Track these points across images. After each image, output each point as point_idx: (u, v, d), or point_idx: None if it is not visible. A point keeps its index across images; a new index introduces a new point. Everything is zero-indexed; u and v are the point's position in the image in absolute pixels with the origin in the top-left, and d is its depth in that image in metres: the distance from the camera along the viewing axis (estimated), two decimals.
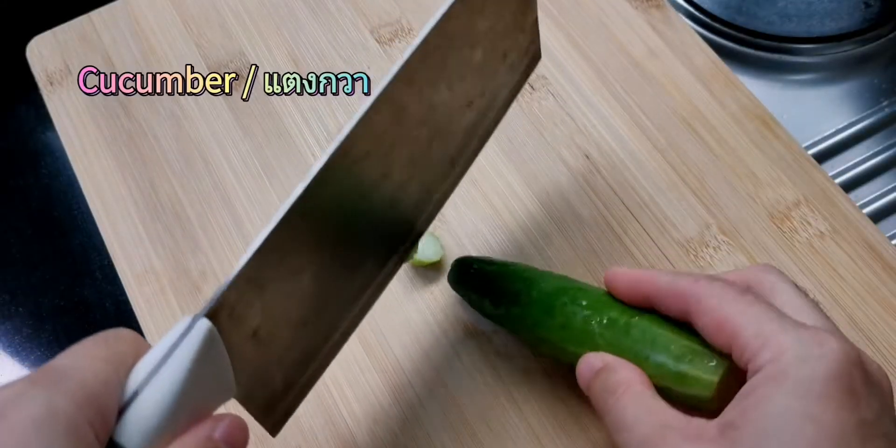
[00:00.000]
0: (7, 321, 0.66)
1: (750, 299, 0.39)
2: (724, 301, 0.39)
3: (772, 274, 0.42)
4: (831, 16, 0.73)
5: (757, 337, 0.37)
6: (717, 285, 0.40)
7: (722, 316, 0.39)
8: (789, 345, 0.36)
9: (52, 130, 0.72)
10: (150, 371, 0.32)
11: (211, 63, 0.65)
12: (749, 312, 0.38)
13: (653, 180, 0.58)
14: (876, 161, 0.68)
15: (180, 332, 0.33)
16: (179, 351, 0.32)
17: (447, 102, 0.46)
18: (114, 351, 0.33)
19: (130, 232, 0.59)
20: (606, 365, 0.42)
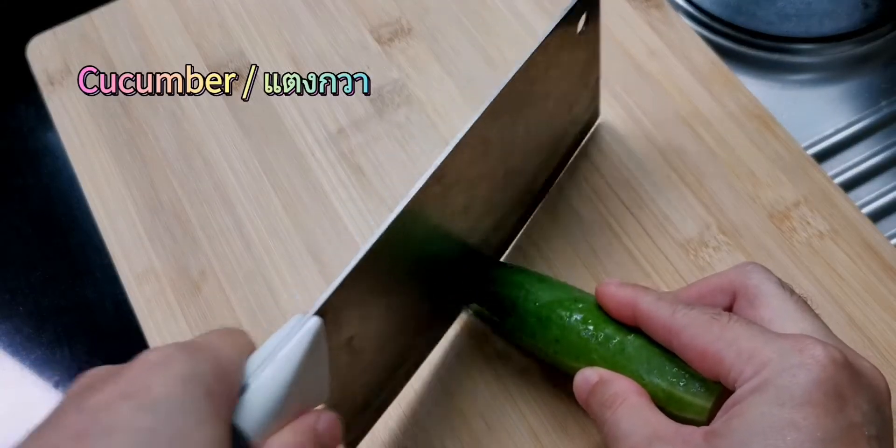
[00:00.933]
0: (7, 321, 0.66)
1: (724, 322, 0.39)
2: (701, 329, 0.39)
3: (755, 276, 0.42)
4: (830, 16, 0.73)
5: (738, 356, 0.37)
6: (691, 315, 0.40)
7: (701, 346, 0.39)
8: (770, 356, 0.36)
9: (52, 130, 0.72)
10: (265, 360, 0.35)
11: (211, 63, 0.65)
12: (726, 337, 0.38)
13: (652, 180, 0.58)
14: (875, 161, 0.68)
15: (293, 327, 0.36)
16: (293, 343, 0.36)
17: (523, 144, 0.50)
18: (236, 339, 0.37)
19: (130, 232, 0.59)
20: (602, 379, 0.43)
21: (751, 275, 0.42)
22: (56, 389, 0.63)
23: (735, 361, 0.37)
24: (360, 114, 0.62)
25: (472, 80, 0.63)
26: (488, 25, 0.65)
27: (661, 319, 0.41)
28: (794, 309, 0.40)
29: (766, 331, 0.38)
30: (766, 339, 0.37)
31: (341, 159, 0.60)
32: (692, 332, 0.39)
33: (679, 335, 0.40)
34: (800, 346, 0.36)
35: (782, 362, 0.35)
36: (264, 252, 0.57)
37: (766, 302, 0.41)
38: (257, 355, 0.36)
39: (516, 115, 0.48)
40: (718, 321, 0.39)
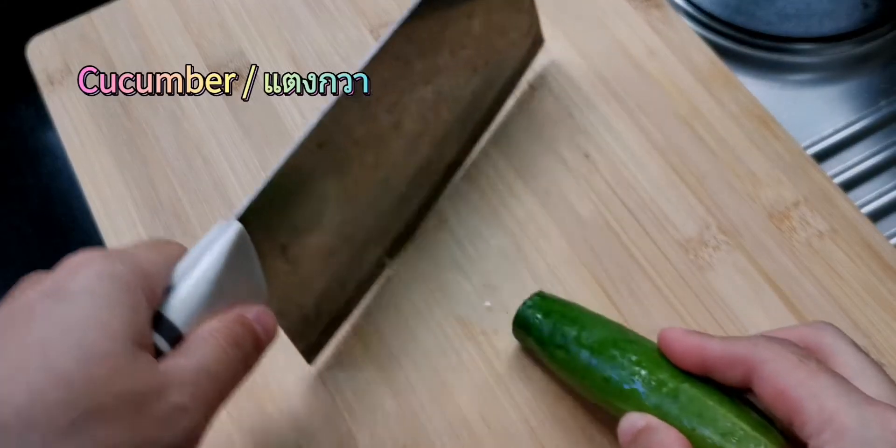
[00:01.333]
0: None
1: (813, 368, 0.37)
2: (786, 368, 0.37)
3: (830, 334, 0.41)
4: (830, 16, 0.73)
5: (820, 413, 0.35)
6: (777, 348, 0.39)
7: (783, 385, 0.37)
8: (852, 424, 0.35)
9: (52, 130, 0.72)
10: (191, 262, 0.39)
11: (211, 63, 0.65)
12: (813, 385, 0.36)
13: (652, 180, 0.58)
14: (874, 161, 0.68)
15: (216, 233, 0.40)
16: (216, 246, 0.39)
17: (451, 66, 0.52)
18: (165, 249, 0.40)
19: (130, 231, 0.59)
20: (648, 425, 0.41)
21: (826, 332, 0.41)
22: None
23: (815, 418, 0.35)
24: None
25: None
26: None
27: (739, 352, 0.40)
28: (872, 372, 0.39)
29: (853, 391, 0.36)
30: (850, 401, 0.35)
31: None
32: (776, 368, 0.38)
33: (762, 366, 0.38)
34: (884, 419, 0.35)
35: (862, 434, 0.34)
36: None
37: (844, 361, 0.39)
38: (184, 262, 0.39)
39: (436, 35, 0.49)
40: (806, 365, 0.37)
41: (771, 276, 0.54)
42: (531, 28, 0.59)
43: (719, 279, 0.54)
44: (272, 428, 0.51)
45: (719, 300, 0.54)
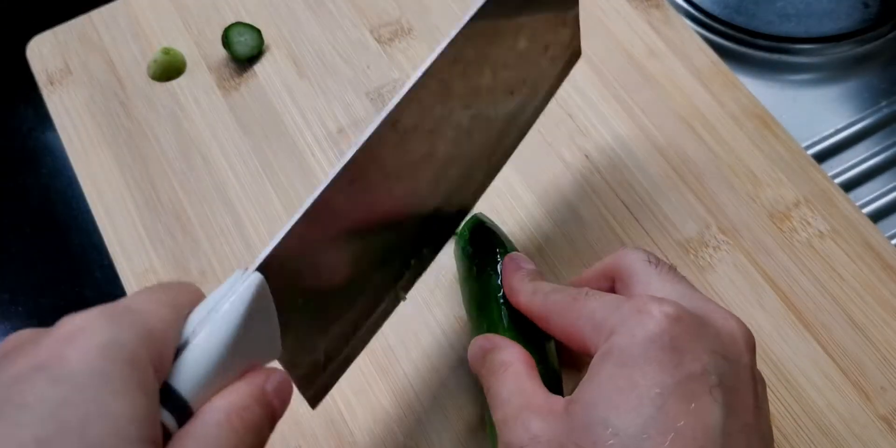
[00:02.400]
0: (6, 321, 0.65)
1: (581, 299, 0.40)
2: (563, 312, 0.41)
3: (627, 257, 0.43)
4: (830, 16, 0.73)
5: (594, 329, 0.38)
6: (556, 296, 0.42)
7: (565, 325, 0.40)
8: (615, 322, 0.37)
9: (51, 130, 0.72)
10: (203, 318, 0.33)
11: (211, 62, 0.65)
12: (584, 313, 0.39)
13: (652, 180, 0.58)
14: (875, 161, 0.68)
15: (233, 284, 0.34)
16: (231, 301, 0.33)
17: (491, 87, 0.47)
18: (174, 297, 0.34)
19: (130, 231, 0.59)
20: (494, 345, 0.43)
21: (624, 256, 0.43)
22: None
23: (591, 334, 0.38)
24: (360, 113, 0.62)
25: None
26: None
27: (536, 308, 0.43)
28: (656, 277, 0.41)
29: (617, 298, 0.39)
30: (614, 306, 0.38)
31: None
32: (557, 315, 0.41)
33: (548, 319, 0.42)
34: (637, 307, 0.37)
35: (623, 326, 0.37)
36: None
37: (635, 279, 0.42)
38: (197, 313, 0.34)
39: (481, 55, 0.45)
40: (577, 300, 0.40)
41: (771, 275, 0.54)
42: (572, 41, 0.55)
43: (720, 279, 0.54)
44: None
45: (720, 300, 0.54)
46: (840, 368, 0.51)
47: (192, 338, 0.33)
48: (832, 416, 0.50)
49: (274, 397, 0.34)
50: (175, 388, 0.32)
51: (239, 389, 0.33)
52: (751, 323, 0.52)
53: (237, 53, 0.64)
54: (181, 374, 0.32)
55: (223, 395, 0.33)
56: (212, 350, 0.33)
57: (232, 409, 0.32)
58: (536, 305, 0.43)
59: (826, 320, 0.53)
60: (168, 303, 0.34)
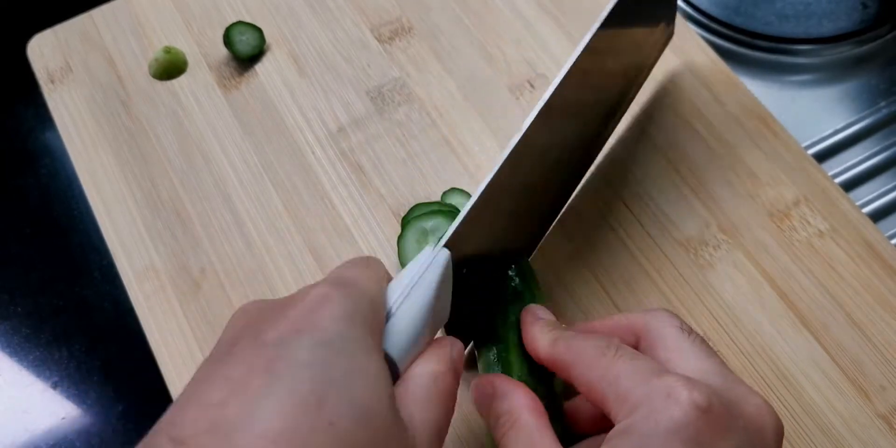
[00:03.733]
0: (6, 321, 0.66)
1: (611, 356, 0.39)
2: (589, 364, 0.39)
3: (657, 319, 0.42)
4: (829, 17, 0.73)
5: (617, 398, 0.37)
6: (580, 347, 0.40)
7: (589, 380, 0.39)
8: (641, 399, 0.36)
9: (51, 130, 0.72)
10: (403, 291, 0.39)
11: (212, 61, 0.65)
12: (610, 375, 0.38)
13: (653, 179, 0.58)
14: (874, 162, 0.68)
15: (426, 259, 0.40)
16: (428, 276, 0.39)
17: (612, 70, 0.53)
18: (377, 272, 0.39)
19: (131, 229, 0.59)
20: (496, 391, 0.42)
21: (654, 318, 0.42)
22: (54, 390, 0.63)
23: (613, 401, 0.37)
24: (360, 112, 0.62)
25: (473, 79, 0.63)
26: (489, 24, 0.65)
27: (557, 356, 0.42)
28: (689, 349, 0.40)
29: (647, 368, 0.38)
30: (641, 378, 0.37)
31: (341, 157, 0.60)
32: (581, 367, 0.40)
33: (572, 369, 0.40)
34: (668, 390, 0.36)
35: (648, 407, 0.35)
36: (264, 250, 0.57)
37: (664, 344, 0.41)
38: (394, 286, 0.39)
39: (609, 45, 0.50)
40: (605, 355, 0.39)
41: (771, 274, 0.54)
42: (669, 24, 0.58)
43: (719, 278, 0.54)
44: None
45: (719, 299, 0.54)
46: (839, 367, 0.51)
47: (396, 308, 0.38)
48: (832, 415, 0.50)
49: (459, 362, 0.39)
50: (387, 352, 0.37)
51: (436, 356, 0.38)
52: (750, 322, 0.53)
53: (239, 52, 0.64)
54: (390, 339, 0.37)
55: (426, 361, 0.38)
56: (414, 319, 0.38)
57: (436, 373, 0.37)
58: (559, 353, 0.42)
59: (825, 319, 0.53)
60: (376, 277, 0.39)
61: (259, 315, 0.36)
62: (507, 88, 0.62)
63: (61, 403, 0.63)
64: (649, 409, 0.35)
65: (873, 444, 0.49)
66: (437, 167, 0.60)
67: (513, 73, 0.63)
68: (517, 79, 0.62)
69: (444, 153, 0.60)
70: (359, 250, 0.57)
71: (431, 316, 0.39)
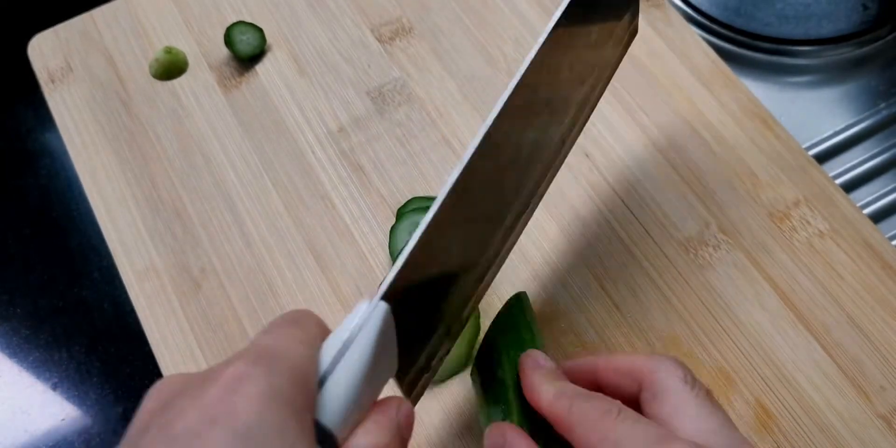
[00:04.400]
0: (5, 322, 0.65)
1: (612, 419, 0.38)
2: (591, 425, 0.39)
3: (664, 369, 0.41)
4: (829, 18, 0.73)
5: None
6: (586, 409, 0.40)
7: (589, 443, 0.38)
8: None
9: (50, 131, 0.72)
10: (339, 351, 0.35)
11: (212, 61, 0.65)
12: (610, 437, 0.37)
13: (653, 179, 0.58)
14: (874, 163, 0.68)
15: (362, 315, 0.36)
16: (364, 333, 0.35)
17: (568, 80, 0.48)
18: (306, 332, 0.35)
19: (131, 229, 0.59)
20: (507, 444, 0.42)
21: (659, 366, 0.41)
22: (54, 391, 0.63)
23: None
24: (360, 112, 0.62)
25: (473, 79, 0.63)
26: (489, 24, 0.65)
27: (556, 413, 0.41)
28: (693, 405, 0.39)
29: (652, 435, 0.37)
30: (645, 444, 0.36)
31: (342, 157, 0.60)
32: (583, 426, 0.39)
33: (572, 431, 0.39)
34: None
35: None
36: (265, 250, 0.57)
37: (667, 398, 0.40)
38: (329, 344, 0.35)
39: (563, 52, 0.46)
40: (607, 417, 0.38)
41: (771, 275, 0.54)
42: (632, 21, 0.55)
43: (719, 278, 0.54)
44: None
45: (719, 299, 0.54)
46: (839, 367, 0.51)
47: (331, 371, 0.34)
48: (831, 415, 0.50)
49: (406, 429, 0.36)
50: (322, 423, 0.33)
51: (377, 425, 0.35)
52: (750, 322, 0.53)
53: (239, 52, 0.64)
54: (325, 407, 0.34)
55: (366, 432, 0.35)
56: (351, 382, 0.34)
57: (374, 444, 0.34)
58: (561, 412, 0.41)
59: (825, 319, 0.53)
60: (303, 340, 0.35)
61: (172, 397, 0.32)
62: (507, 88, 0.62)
63: (61, 404, 0.63)
64: None
65: (873, 444, 0.49)
66: (438, 167, 0.60)
67: (513, 73, 0.63)
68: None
69: (444, 153, 0.60)
70: (359, 250, 0.57)
71: (372, 376, 0.35)
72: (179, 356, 0.54)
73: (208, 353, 0.54)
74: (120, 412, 0.62)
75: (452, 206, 0.40)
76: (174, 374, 0.34)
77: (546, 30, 0.43)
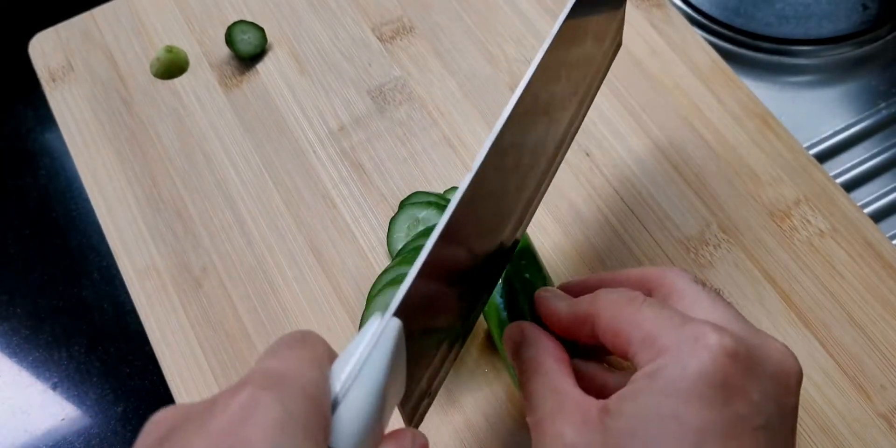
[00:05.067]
0: (5, 322, 0.65)
1: (639, 302, 0.39)
2: (616, 310, 0.39)
3: (673, 273, 0.42)
4: (829, 18, 0.73)
5: (643, 341, 0.37)
6: (611, 296, 0.40)
7: (615, 325, 0.39)
8: (668, 343, 0.36)
9: (50, 131, 0.72)
10: (351, 371, 0.33)
11: (213, 60, 0.65)
12: (638, 317, 0.38)
13: (653, 178, 0.58)
14: (874, 162, 0.68)
15: (374, 332, 0.34)
16: (378, 350, 0.33)
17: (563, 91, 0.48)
18: (314, 353, 0.34)
19: (132, 228, 0.59)
20: (525, 338, 0.43)
21: (667, 273, 0.42)
22: (54, 391, 0.63)
23: (639, 345, 0.37)
24: (361, 111, 0.62)
25: (473, 78, 0.63)
26: (489, 23, 0.65)
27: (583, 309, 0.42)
28: (706, 298, 0.40)
29: (675, 316, 0.38)
30: (670, 324, 0.37)
31: (342, 156, 0.60)
32: (608, 313, 0.40)
33: (598, 318, 0.40)
34: (696, 335, 0.36)
35: (677, 351, 0.36)
36: (265, 248, 0.57)
37: (681, 297, 0.41)
38: (340, 364, 0.34)
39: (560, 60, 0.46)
40: (632, 302, 0.39)
41: (771, 274, 0.54)
42: (618, 33, 0.55)
43: (720, 277, 0.54)
44: None
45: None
46: (840, 366, 0.51)
47: (344, 394, 0.33)
48: (832, 414, 0.50)
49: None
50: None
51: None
52: (751, 320, 0.53)
53: (241, 51, 0.64)
54: (340, 432, 0.32)
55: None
56: (366, 404, 0.33)
57: None
58: (582, 308, 0.41)
59: (826, 318, 0.53)
60: (313, 361, 0.33)
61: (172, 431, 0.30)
62: (507, 87, 0.62)
63: (61, 404, 0.63)
64: (677, 353, 0.35)
65: (873, 443, 0.49)
66: (438, 166, 0.60)
67: (513, 72, 0.63)
68: (518, 78, 0.63)
69: (444, 152, 0.60)
70: (359, 248, 0.57)
71: (385, 398, 0.34)
72: (180, 354, 0.54)
73: (209, 351, 0.54)
74: (119, 412, 0.62)
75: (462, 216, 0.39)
76: (172, 406, 0.32)
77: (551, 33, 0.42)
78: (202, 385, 0.53)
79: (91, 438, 0.61)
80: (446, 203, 0.56)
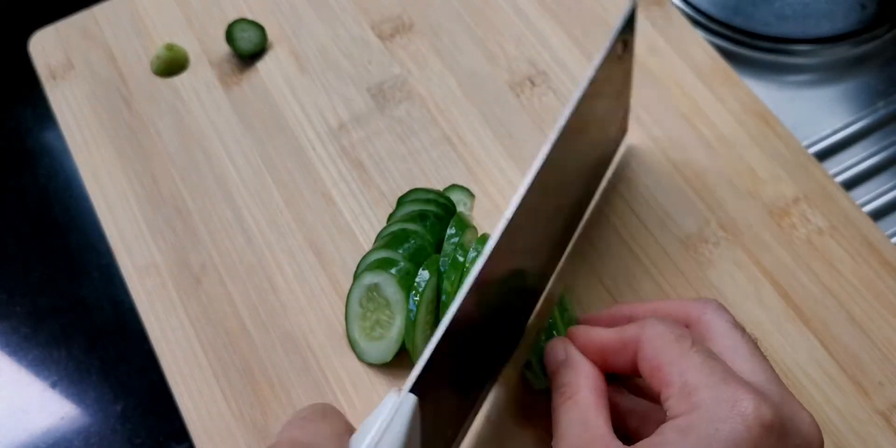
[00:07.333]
0: (4, 321, 0.66)
1: (686, 346, 0.39)
2: (663, 346, 0.39)
3: (711, 310, 0.42)
4: (828, 17, 0.74)
5: (682, 388, 0.37)
6: (659, 328, 0.40)
7: (658, 362, 0.39)
8: (707, 400, 0.36)
9: (50, 130, 0.72)
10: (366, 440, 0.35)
11: (213, 58, 0.65)
12: (682, 362, 0.38)
13: (653, 176, 0.58)
14: (872, 162, 0.68)
15: (390, 407, 0.36)
16: (394, 425, 0.35)
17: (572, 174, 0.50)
18: (334, 428, 0.36)
19: (132, 225, 0.59)
20: (568, 359, 0.43)
21: (706, 309, 0.42)
22: (53, 390, 0.63)
23: (678, 392, 0.37)
24: (360, 109, 0.62)
25: (473, 76, 0.63)
26: (489, 21, 0.65)
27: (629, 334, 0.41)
28: (744, 349, 0.40)
29: (718, 370, 0.38)
30: (711, 380, 0.37)
31: (342, 154, 0.61)
32: (654, 346, 0.40)
33: (643, 347, 0.40)
34: (735, 399, 0.36)
35: (712, 411, 0.36)
36: (265, 246, 0.58)
37: (719, 339, 0.41)
38: (357, 439, 0.35)
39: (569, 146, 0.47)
40: (681, 344, 0.39)
41: (770, 271, 0.54)
42: (623, 120, 0.58)
43: (719, 275, 0.54)
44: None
45: (719, 296, 0.54)
46: (838, 364, 0.52)
47: None
48: (830, 411, 0.50)
49: None
50: None
51: None
52: (749, 319, 0.53)
53: (241, 49, 0.64)
54: None
55: None
56: None
57: None
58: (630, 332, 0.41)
59: (825, 316, 0.53)
60: (333, 434, 0.35)
61: None
62: (507, 86, 0.62)
63: (60, 403, 0.63)
64: (712, 414, 0.35)
65: (871, 441, 0.49)
66: (438, 164, 0.60)
67: (513, 71, 0.63)
68: (518, 76, 0.63)
69: (444, 150, 0.60)
70: (359, 246, 0.57)
71: None
72: (179, 352, 0.54)
73: (208, 349, 0.54)
74: (119, 410, 0.62)
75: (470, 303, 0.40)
76: None
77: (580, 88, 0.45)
78: (202, 383, 0.53)
79: (90, 437, 0.61)
80: (445, 200, 0.56)
